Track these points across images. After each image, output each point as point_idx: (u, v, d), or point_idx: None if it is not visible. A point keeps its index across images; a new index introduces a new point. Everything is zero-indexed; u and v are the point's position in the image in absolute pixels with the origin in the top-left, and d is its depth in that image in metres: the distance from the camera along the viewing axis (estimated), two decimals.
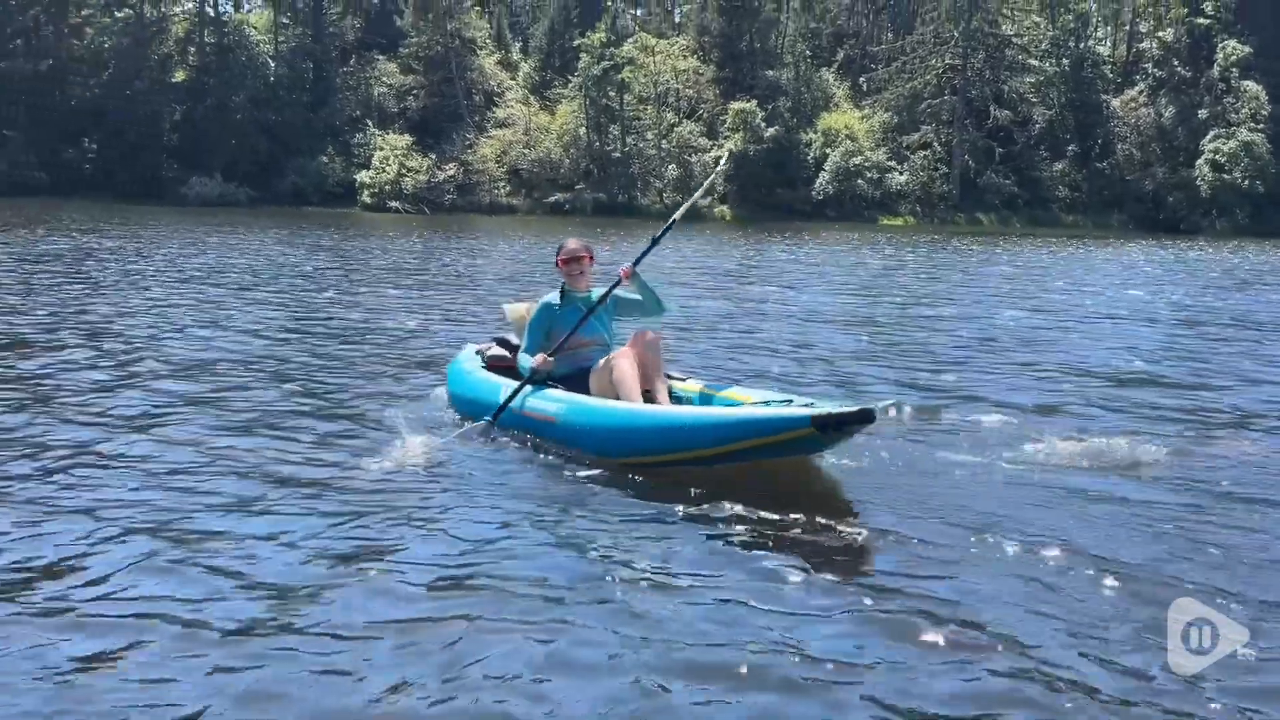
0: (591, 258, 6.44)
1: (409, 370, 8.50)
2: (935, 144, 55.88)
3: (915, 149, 55.63)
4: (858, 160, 53.49)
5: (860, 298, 16.11)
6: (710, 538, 4.62)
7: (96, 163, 55.82)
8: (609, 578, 4.17)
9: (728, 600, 3.94)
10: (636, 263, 6.18)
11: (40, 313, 11.47)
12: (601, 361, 6.06)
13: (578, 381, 6.15)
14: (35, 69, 58.15)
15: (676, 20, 70.15)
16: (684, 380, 6.31)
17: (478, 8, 60.84)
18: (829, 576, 4.19)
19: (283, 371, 8.34)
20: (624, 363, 5.87)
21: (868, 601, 3.94)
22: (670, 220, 6.41)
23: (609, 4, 64.27)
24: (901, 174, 54.57)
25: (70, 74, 58.62)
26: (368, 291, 15.23)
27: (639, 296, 6.34)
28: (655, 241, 6.28)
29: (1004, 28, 59.37)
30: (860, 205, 53.59)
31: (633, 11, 66.56)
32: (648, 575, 4.16)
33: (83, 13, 60.87)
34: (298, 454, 5.80)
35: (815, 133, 55.42)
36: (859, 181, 53.38)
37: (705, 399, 6.05)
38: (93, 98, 57.45)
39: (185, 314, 11.78)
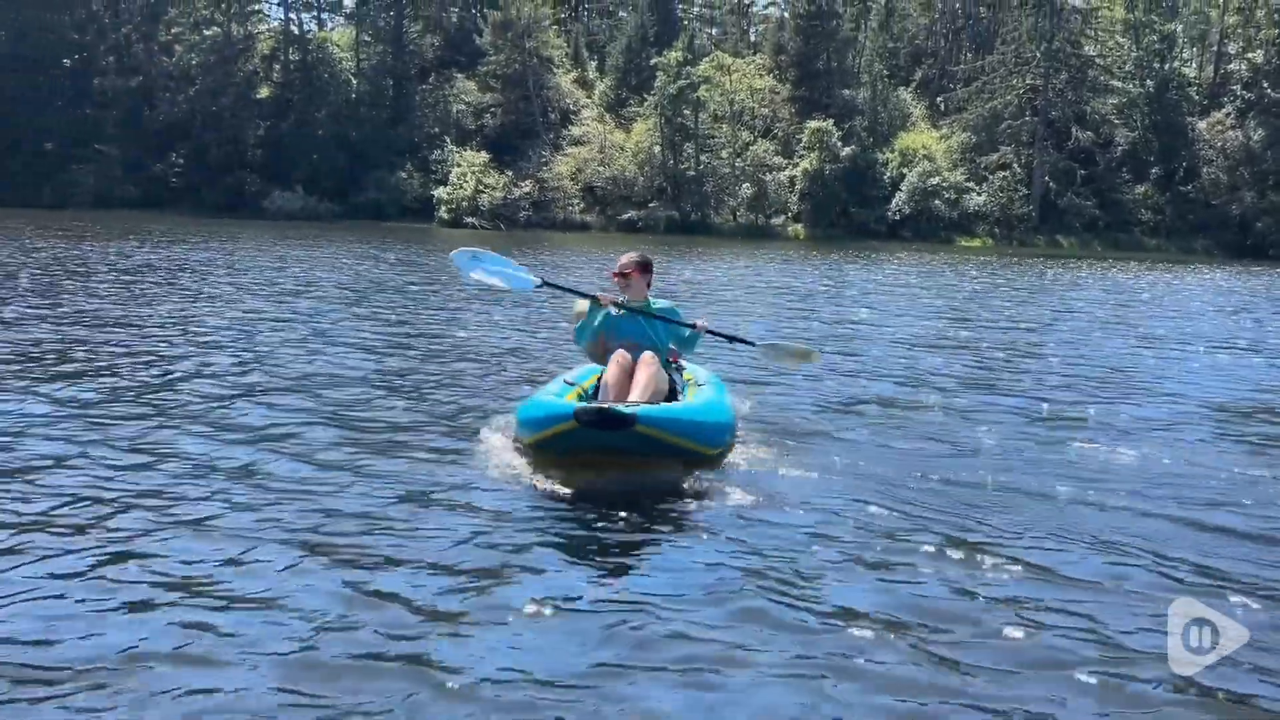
0: (640, 270, 6.80)
1: (515, 386, 8.49)
2: (1015, 165, 55.08)
3: (994, 170, 54.89)
4: (935, 180, 52.91)
5: (955, 321, 15.81)
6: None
7: (183, 177, 57.19)
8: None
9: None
10: (717, 333, 6.96)
11: (148, 324, 11.69)
12: (612, 358, 6.39)
13: None
14: (126, 84, 59.90)
15: (752, 39, 70.16)
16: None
17: (555, 26, 61.26)
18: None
19: (394, 385, 8.43)
20: (614, 368, 6.28)
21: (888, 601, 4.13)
22: (754, 343, 7.20)
23: (686, 23, 64.47)
24: (980, 195, 53.84)
25: (159, 90, 60.26)
26: (460, 307, 15.35)
27: (684, 333, 6.79)
28: (735, 340, 7.07)
29: (1087, 48, 58.40)
30: (937, 226, 52.97)
31: (709, 30, 66.59)
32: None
33: (172, 30, 62.63)
34: (418, 468, 5.85)
35: (892, 152, 54.95)
36: (936, 202, 52.79)
37: None
38: (180, 113, 58.95)
39: (287, 327, 11.94)
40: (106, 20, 62.51)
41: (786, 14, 65.46)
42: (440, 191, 54.15)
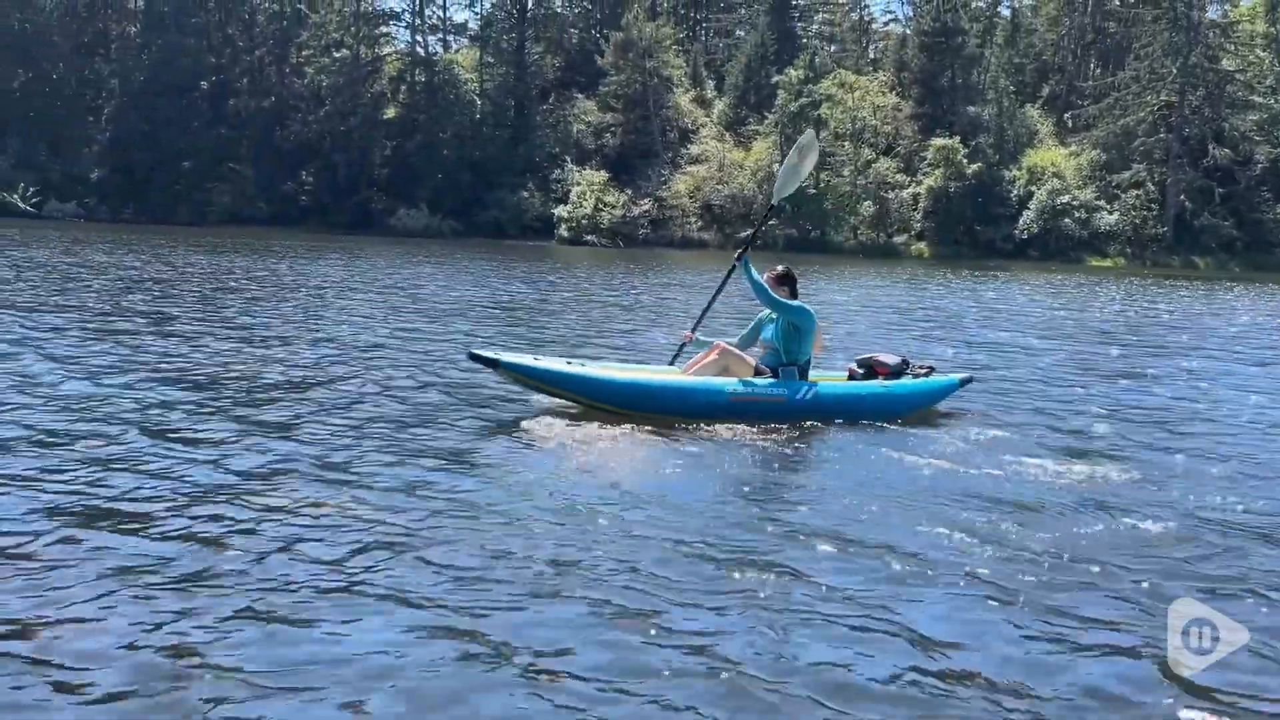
0: (777, 279, 7.94)
1: None
2: (1148, 183, 53.32)
3: (1126, 188, 53.20)
4: (1065, 199, 51.50)
5: (1108, 344, 15.04)
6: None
7: (312, 195, 58.81)
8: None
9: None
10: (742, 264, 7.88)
11: (298, 336, 11.94)
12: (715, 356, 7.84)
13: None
14: (259, 106, 61.98)
15: (871, 56, 69.43)
16: None
17: (675, 46, 61.50)
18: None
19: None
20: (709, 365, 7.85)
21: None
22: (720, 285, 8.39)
23: (805, 41, 64.12)
24: (1111, 213, 52.22)
25: (290, 111, 62.18)
26: (603, 321, 15.37)
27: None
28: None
29: (1225, 63, 56.28)
30: (1066, 245, 51.54)
31: (828, 47, 66.08)
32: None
33: (303, 53, 64.56)
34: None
35: (1019, 170, 53.68)
36: (1066, 221, 51.36)
37: None
38: (310, 134, 60.70)
39: (433, 342, 12.01)
40: (241, 44, 64.84)
41: (909, 31, 64.63)
42: (560, 210, 54.69)
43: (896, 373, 8.19)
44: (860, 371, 8.30)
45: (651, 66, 58.34)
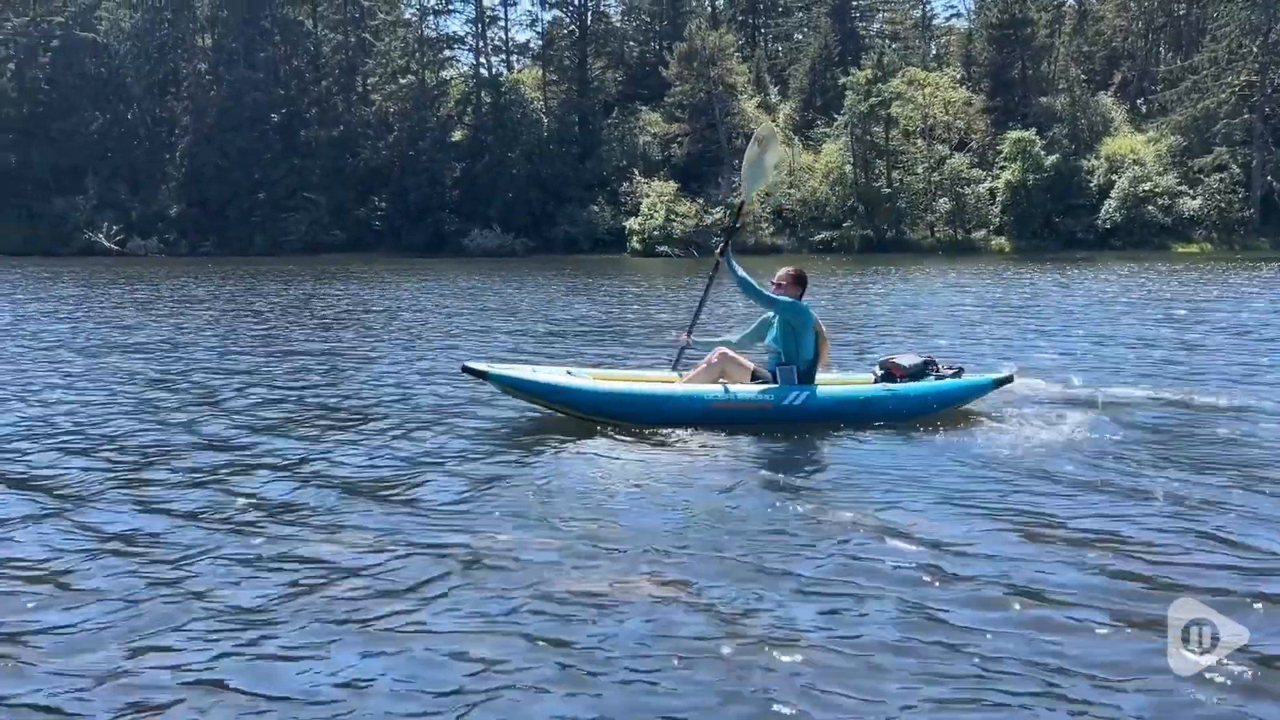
0: (778, 284, 7.95)
1: None
2: (1232, 166, 51.95)
3: (1209, 172, 51.91)
4: (1146, 186, 50.39)
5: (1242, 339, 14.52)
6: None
7: (385, 220, 59.42)
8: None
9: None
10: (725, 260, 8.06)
11: (386, 353, 11.92)
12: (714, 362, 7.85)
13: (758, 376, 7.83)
14: (329, 135, 62.84)
15: (933, 52, 68.74)
16: None
17: (737, 54, 61.34)
18: None
19: None
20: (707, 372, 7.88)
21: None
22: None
23: (866, 39, 63.68)
24: (1195, 198, 50.98)
25: (359, 139, 62.95)
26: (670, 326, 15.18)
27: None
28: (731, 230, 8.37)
29: None
30: (1149, 233, 50.38)
31: (892, 45, 65.54)
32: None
33: (369, 81, 65.38)
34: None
35: (1097, 159, 52.65)
36: (1149, 208, 50.23)
37: None
38: (380, 160, 61.39)
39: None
40: (308, 76, 65.83)
41: (975, 25, 63.87)
42: (631, 222, 54.64)
43: (916, 374, 7.95)
44: (880, 374, 8.12)
45: (716, 75, 58.19)
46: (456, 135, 62.89)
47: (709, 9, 69.11)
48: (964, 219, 53.11)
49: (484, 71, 65.38)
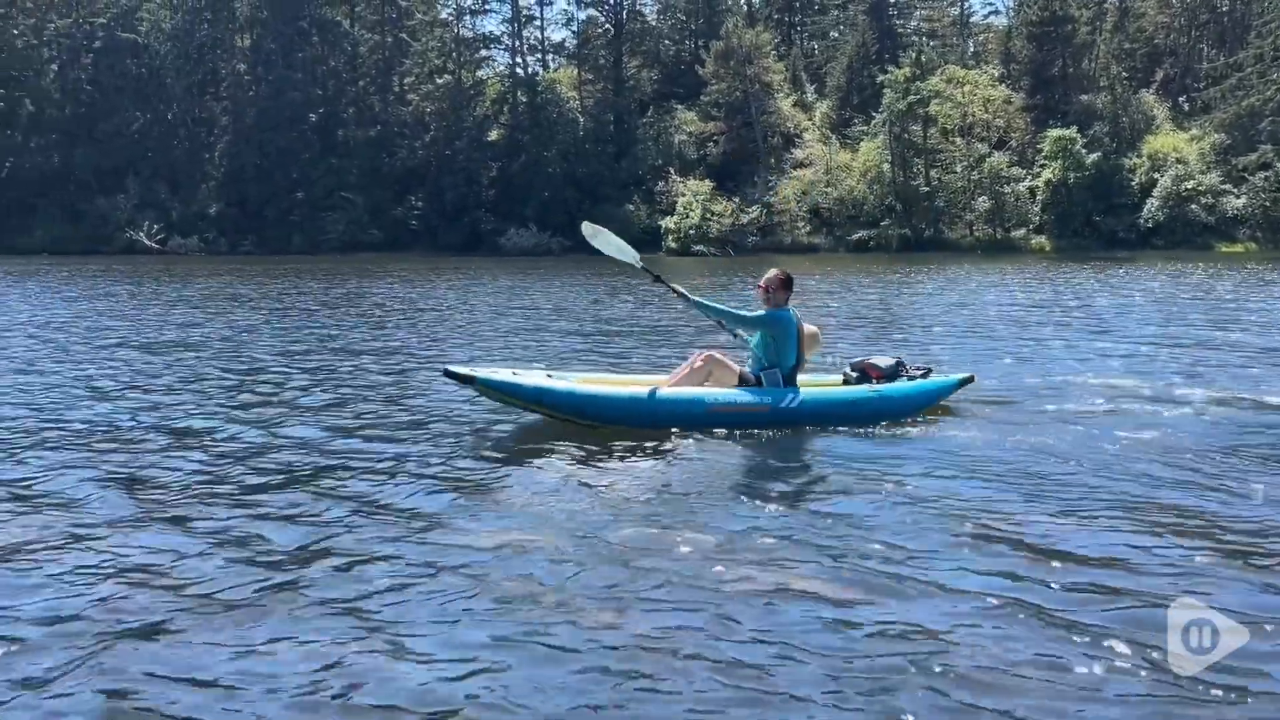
0: (766, 289, 7.85)
1: None
2: (1277, 164, 51.23)
3: (1254, 170, 51.21)
4: (1189, 185, 49.78)
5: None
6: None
7: (422, 219, 59.64)
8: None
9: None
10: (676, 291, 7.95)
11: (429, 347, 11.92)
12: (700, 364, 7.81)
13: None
14: (366, 135, 63.17)
15: (971, 50, 68.26)
16: None
17: (774, 52, 61.12)
18: None
19: None
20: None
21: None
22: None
23: (904, 37, 63.32)
24: (1239, 197, 50.31)
25: (396, 139, 63.23)
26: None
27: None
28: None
29: None
30: (1192, 232, 49.76)
31: (930, 42, 65.13)
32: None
33: (406, 81, 65.67)
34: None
35: (1139, 157, 52.07)
36: (1192, 207, 49.62)
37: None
38: (416, 160, 61.64)
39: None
40: (345, 76, 66.20)
41: (1014, 22, 63.33)
42: (667, 221, 54.56)
43: (891, 375, 8.05)
44: (854, 375, 8.19)
45: (752, 73, 58.01)
46: (493, 135, 63.03)
47: (745, 7, 68.99)
48: (1003, 218, 52.69)
49: (520, 71, 65.57)
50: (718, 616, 4.10)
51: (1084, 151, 51.04)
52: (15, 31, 67.04)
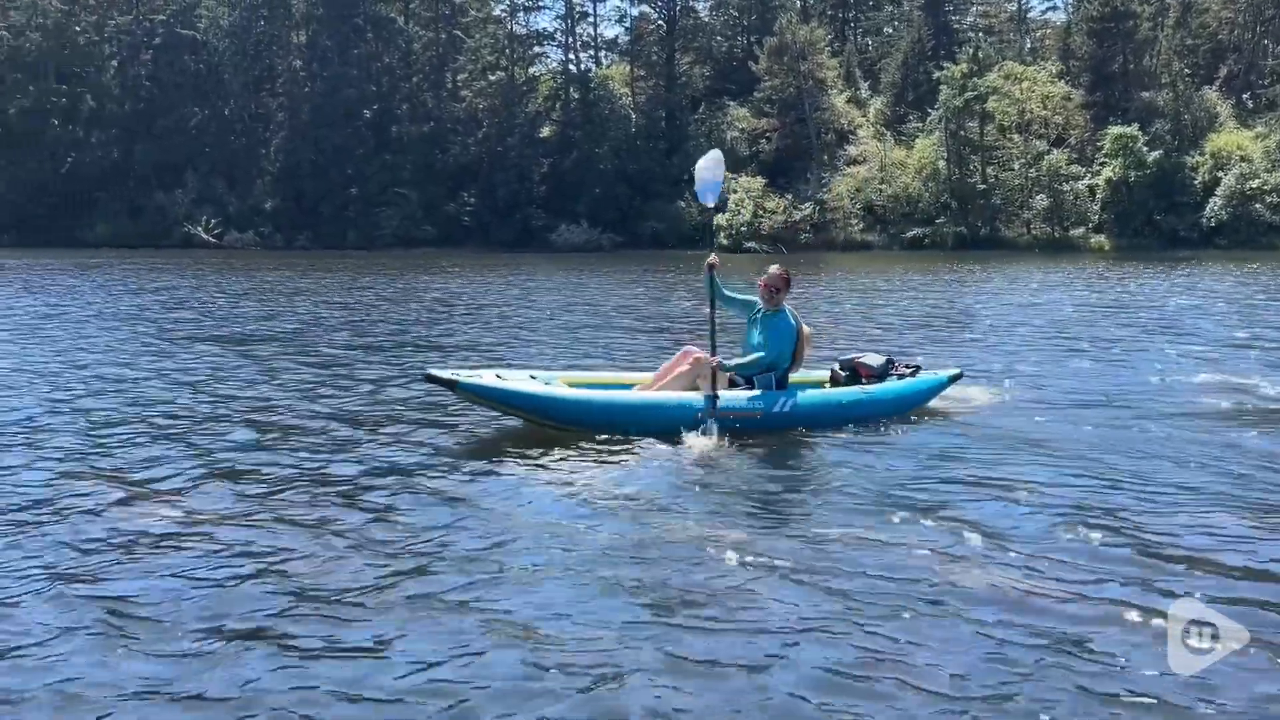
0: (774, 288, 7.63)
1: None
2: None
3: None
4: (1254, 183, 48.75)
5: None
6: None
7: (474, 215, 59.88)
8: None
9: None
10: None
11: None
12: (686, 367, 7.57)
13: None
14: (420, 131, 63.54)
15: (1028, 46, 67.35)
16: None
17: (828, 48, 60.66)
18: None
19: None
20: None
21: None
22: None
23: (963, 33, 62.63)
24: None
25: (449, 135, 63.52)
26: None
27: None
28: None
29: None
30: (1256, 231, 48.69)
31: (987, 38, 64.36)
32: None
33: (459, 77, 65.97)
34: None
35: (1202, 155, 51.05)
36: (1256, 206, 48.59)
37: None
38: (469, 156, 61.89)
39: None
40: (399, 72, 66.63)
41: (1074, 18, 62.38)
42: (718, 218, 54.25)
43: (881, 374, 7.97)
44: (843, 374, 8.11)
45: (806, 69, 57.60)
46: (545, 131, 63.15)
47: (798, 3, 68.48)
48: (1062, 216, 51.93)
49: (573, 68, 65.59)
50: (710, 618, 4.09)
51: (1145, 149, 50.16)
52: (77, 28, 68.17)
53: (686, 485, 6.12)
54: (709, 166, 7.95)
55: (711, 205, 7.87)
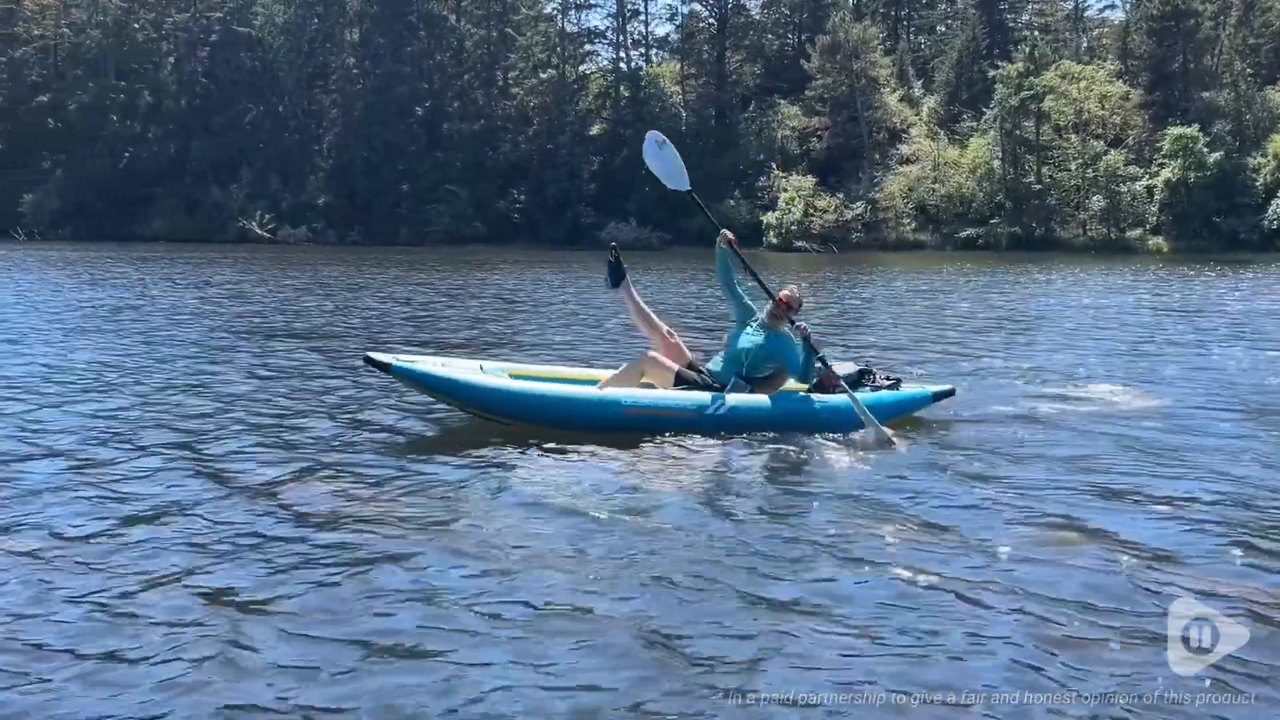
0: (788, 304, 7.39)
1: None
2: None
3: None
4: None
5: None
6: None
7: (524, 213, 60.13)
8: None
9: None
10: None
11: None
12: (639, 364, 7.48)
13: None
14: (470, 129, 63.88)
15: (1085, 44, 66.44)
16: None
17: (880, 47, 60.24)
18: None
19: None
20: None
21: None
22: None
23: (1018, 31, 61.96)
24: None
25: (500, 133, 63.81)
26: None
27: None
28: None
29: None
30: None
31: (1043, 37, 63.59)
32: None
33: (510, 75, 66.25)
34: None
35: (1264, 156, 50.06)
36: None
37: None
38: (519, 154, 62.15)
39: None
40: (450, 70, 67.04)
41: (1133, 16, 61.47)
42: (768, 217, 54.14)
43: (852, 384, 7.42)
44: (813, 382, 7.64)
45: (858, 68, 57.23)
46: (595, 129, 63.29)
47: (851, 1, 68.06)
48: (1118, 217, 51.17)
49: (623, 66, 65.66)
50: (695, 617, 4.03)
51: (1206, 150, 49.29)
52: (136, 25, 69.31)
53: (694, 485, 6.03)
54: (652, 152, 7.87)
55: (687, 189, 7.67)
